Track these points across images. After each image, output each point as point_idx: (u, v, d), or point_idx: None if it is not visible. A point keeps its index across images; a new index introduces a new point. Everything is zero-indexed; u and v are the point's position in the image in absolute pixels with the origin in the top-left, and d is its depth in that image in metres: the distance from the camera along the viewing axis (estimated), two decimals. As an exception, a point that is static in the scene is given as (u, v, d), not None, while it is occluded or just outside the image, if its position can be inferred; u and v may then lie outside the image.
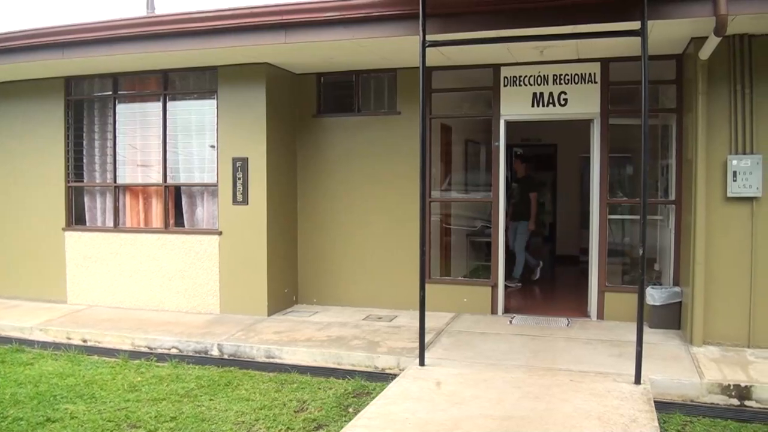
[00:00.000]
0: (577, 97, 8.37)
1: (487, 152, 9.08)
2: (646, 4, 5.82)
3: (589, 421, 5.05)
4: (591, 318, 8.50)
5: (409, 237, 8.53)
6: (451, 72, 8.83)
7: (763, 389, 5.97)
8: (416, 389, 5.79)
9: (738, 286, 7.18)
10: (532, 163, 12.50)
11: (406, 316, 8.55)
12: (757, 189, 7.03)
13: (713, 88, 7.16)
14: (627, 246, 9.11)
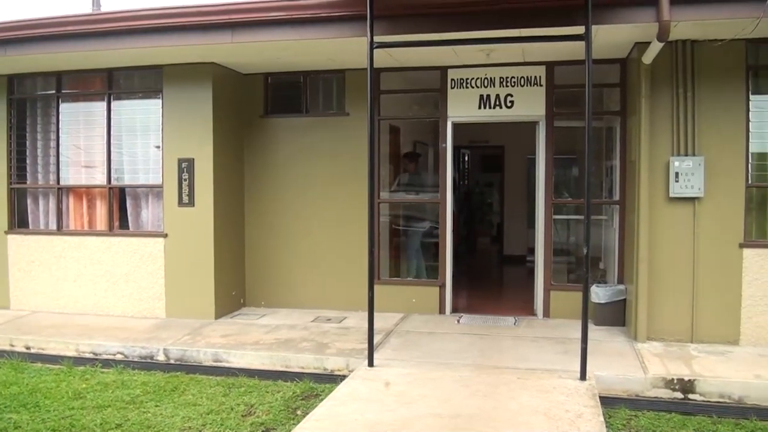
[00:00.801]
0: (523, 99, 8.50)
1: (434, 153, 9.13)
2: (590, 10, 5.93)
3: (535, 417, 5.13)
4: (537, 316, 8.64)
5: (359, 238, 8.54)
6: (399, 73, 8.88)
7: (706, 383, 6.17)
8: (365, 390, 5.80)
9: (681, 283, 7.41)
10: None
11: (355, 318, 8.56)
12: (699, 189, 7.26)
13: (656, 91, 7.38)
14: (572, 245, 9.28)
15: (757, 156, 7.44)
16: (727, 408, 5.92)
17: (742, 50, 7.30)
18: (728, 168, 7.34)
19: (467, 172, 16.89)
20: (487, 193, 16.66)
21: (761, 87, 7.45)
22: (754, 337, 7.32)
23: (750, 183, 7.39)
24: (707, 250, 7.36)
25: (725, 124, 7.34)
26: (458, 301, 9.53)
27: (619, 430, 5.35)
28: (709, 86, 7.35)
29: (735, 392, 6.09)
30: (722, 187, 7.34)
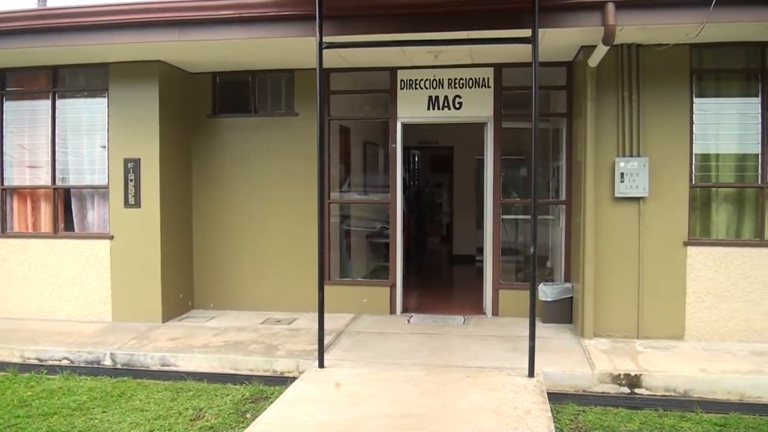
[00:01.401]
0: (471, 100, 8.59)
1: (385, 154, 9.16)
2: (537, 13, 6.03)
3: (484, 414, 5.19)
4: (486, 315, 8.74)
5: (309, 239, 8.52)
6: (349, 74, 8.88)
7: (651, 377, 6.34)
8: (315, 391, 5.79)
9: (627, 281, 7.60)
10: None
11: (305, 319, 8.53)
12: (644, 189, 7.45)
13: (602, 94, 7.54)
14: (520, 245, 9.40)
15: (700, 157, 7.68)
16: (673, 401, 6.12)
17: (686, 55, 7.52)
18: (673, 169, 7.55)
19: (417, 172, 16.99)
20: (436, 193, 16.77)
21: (705, 90, 7.69)
22: (698, 332, 7.55)
23: (694, 183, 7.61)
24: (652, 249, 7.57)
25: (670, 126, 7.56)
26: (409, 301, 9.58)
27: (566, 425, 5.45)
28: (654, 89, 7.55)
29: (680, 386, 6.29)
30: (667, 187, 7.55)
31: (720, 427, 5.45)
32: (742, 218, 7.70)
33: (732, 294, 7.51)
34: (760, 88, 7.58)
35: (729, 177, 7.70)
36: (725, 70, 7.69)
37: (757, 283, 7.49)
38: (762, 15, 6.47)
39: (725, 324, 7.53)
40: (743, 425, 5.49)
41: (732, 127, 7.70)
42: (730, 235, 7.69)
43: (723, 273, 7.53)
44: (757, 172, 7.60)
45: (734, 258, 7.52)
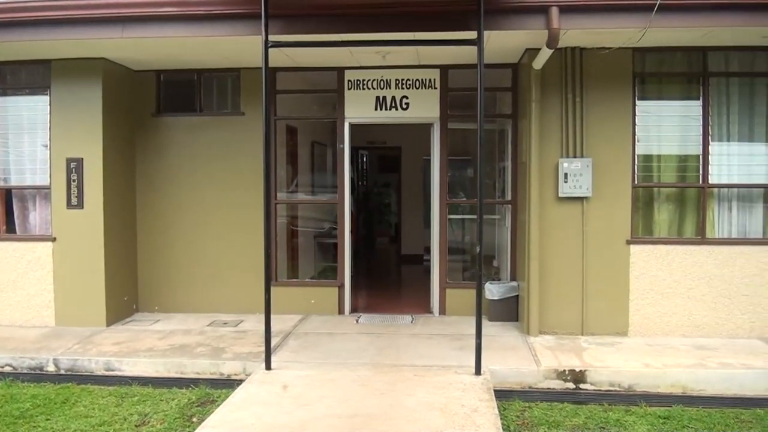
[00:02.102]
0: (418, 101, 8.63)
1: (333, 154, 9.14)
2: (482, 16, 6.09)
3: (432, 413, 5.22)
4: (434, 314, 8.80)
5: (255, 239, 8.42)
6: (296, 73, 8.84)
7: (596, 372, 6.47)
8: (262, 394, 5.74)
9: (571, 279, 7.74)
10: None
11: (253, 320, 8.45)
12: (587, 189, 7.60)
13: (546, 96, 7.67)
14: (467, 244, 9.48)
15: (643, 158, 7.87)
16: (618, 396, 6.26)
17: (629, 58, 7.70)
18: (615, 169, 7.72)
19: (366, 172, 16.99)
20: (385, 193, 16.78)
21: (647, 93, 7.89)
22: (642, 328, 7.74)
23: (636, 183, 7.80)
24: (596, 247, 7.72)
25: (613, 128, 7.73)
26: (357, 301, 9.58)
27: (513, 421, 5.51)
28: (598, 91, 7.71)
29: (625, 380, 6.43)
30: (610, 188, 7.72)
31: (664, 419, 5.59)
32: (683, 217, 7.92)
33: (674, 291, 7.72)
34: (701, 91, 7.82)
35: (671, 177, 7.91)
36: (667, 73, 7.90)
37: (699, 279, 7.71)
38: (702, 21, 6.67)
39: (668, 320, 7.73)
40: (686, 417, 5.65)
41: (674, 129, 7.92)
42: (672, 233, 7.90)
43: (665, 270, 7.72)
44: (698, 172, 7.84)
45: (676, 256, 7.73)
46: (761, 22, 6.63)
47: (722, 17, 6.62)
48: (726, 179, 7.86)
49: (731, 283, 7.71)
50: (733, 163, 7.88)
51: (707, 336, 7.69)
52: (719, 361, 6.77)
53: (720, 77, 7.84)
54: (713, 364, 6.68)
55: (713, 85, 7.83)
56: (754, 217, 7.91)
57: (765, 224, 7.86)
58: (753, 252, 7.73)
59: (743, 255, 7.72)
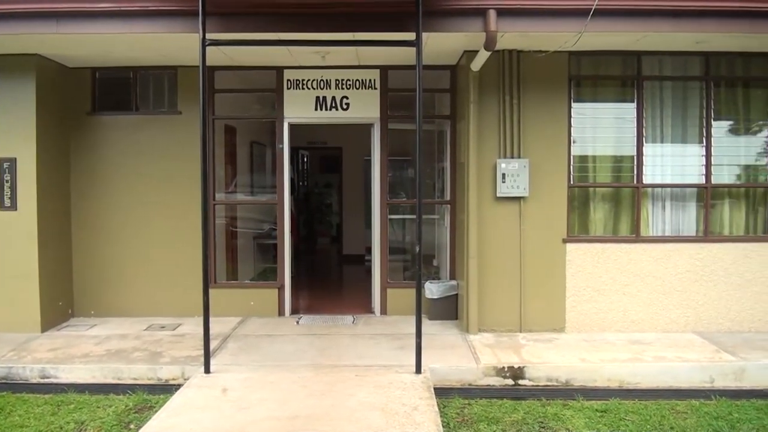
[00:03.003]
0: (358, 101, 8.63)
1: (272, 154, 9.06)
2: (420, 17, 6.11)
3: (373, 412, 5.22)
4: (375, 314, 8.81)
5: (194, 241, 8.26)
6: (234, 72, 8.73)
7: (534, 368, 6.58)
8: (201, 398, 5.64)
9: (509, 277, 7.85)
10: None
11: (191, 324, 8.30)
12: (524, 189, 7.71)
13: (484, 97, 7.76)
14: (408, 244, 9.51)
15: (578, 158, 8.04)
16: (556, 391, 6.39)
17: (565, 61, 7.86)
18: (552, 169, 7.87)
19: (306, 173, 16.92)
20: (326, 193, 16.75)
21: (582, 95, 8.07)
22: (578, 324, 7.91)
23: (572, 183, 7.96)
24: (533, 246, 7.85)
25: (549, 129, 7.87)
26: (298, 302, 9.53)
27: (453, 419, 5.56)
28: (534, 93, 7.84)
29: (562, 376, 6.56)
30: (546, 187, 7.86)
31: (601, 413, 5.72)
32: (619, 216, 8.10)
33: (610, 287, 7.90)
34: (635, 94, 8.04)
35: (606, 177, 8.09)
36: (603, 76, 8.08)
37: (634, 276, 7.92)
38: (635, 26, 6.84)
39: (604, 316, 7.91)
40: (623, 410, 5.79)
41: (609, 131, 8.11)
42: (607, 231, 8.08)
43: (601, 267, 7.90)
44: (632, 172, 8.06)
45: (611, 253, 7.91)
46: (692, 28, 6.85)
47: (655, 23, 6.81)
48: (660, 179, 8.09)
49: (665, 279, 7.94)
50: (667, 164, 8.12)
51: (642, 331, 7.91)
52: (654, 355, 6.98)
53: (654, 81, 8.07)
54: (649, 358, 6.88)
55: (647, 89, 8.05)
56: (687, 216, 8.16)
57: (698, 222, 8.12)
58: (686, 249, 7.97)
59: (677, 252, 7.95)
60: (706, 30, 6.87)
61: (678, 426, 5.46)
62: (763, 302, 7.99)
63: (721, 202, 8.17)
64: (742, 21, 6.80)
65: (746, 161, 8.22)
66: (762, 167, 8.18)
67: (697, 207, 8.13)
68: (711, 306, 7.98)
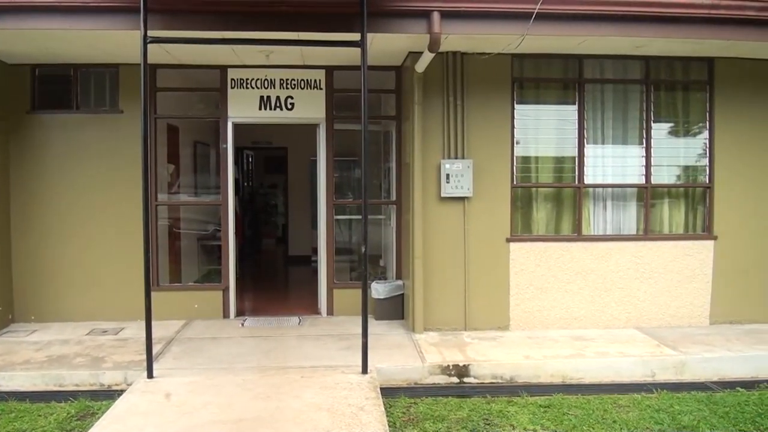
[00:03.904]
0: (303, 101, 8.58)
1: (216, 154, 8.94)
2: (365, 18, 6.10)
3: (319, 413, 5.21)
4: (322, 315, 8.78)
5: (137, 243, 8.03)
6: (177, 71, 8.59)
7: (479, 366, 6.66)
8: (144, 404, 5.54)
9: (454, 276, 7.93)
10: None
11: (134, 328, 8.12)
12: (468, 190, 7.79)
13: (428, 98, 7.81)
14: (354, 244, 9.53)
15: (521, 159, 8.16)
16: (500, 387, 6.46)
17: (508, 63, 7.97)
18: (495, 170, 7.98)
19: (251, 173, 16.78)
20: (271, 194, 16.64)
21: (525, 97, 8.19)
22: (522, 322, 8.03)
23: (515, 183, 8.07)
24: (477, 245, 7.94)
25: (492, 130, 7.98)
26: (243, 304, 9.45)
27: (399, 418, 5.58)
28: (478, 95, 7.93)
29: (506, 373, 6.65)
30: (490, 188, 7.95)
31: (545, 408, 5.82)
32: (561, 215, 8.25)
33: (552, 285, 8.04)
34: (577, 96, 8.20)
35: (548, 178, 8.22)
36: (545, 79, 8.22)
37: (575, 274, 8.07)
38: (576, 30, 6.99)
39: (547, 313, 8.05)
40: (566, 405, 5.90)
41: (551, 132, 8.25)
42: (549, 231, 8.22)
43: (544, 266, 8.03)
44: (574, 173, 8.22)
45: (554, 252, 8.05)
46: (631, 32, 7.03)
47: (595, 27, 6.96)
48: (601, 179, 8.26)
49: (607, 276, 8.12)
50: (608, 165, 8.30)
51: (585, 327, 8.08)
52: (597, 351, 7.13)
53: (595, 83, 8.25)
54: (591, 354, 7.03)
55: (588, 91, 8.22)
56: (627, 215, 8.35)
57: (638, 221, 8.33)
58: (627, 247, 8.17)
59: (618, 250, 8.14)
60: (645, 35, 7.07)
61: (620, 419, 5.58)
62: (702, 298, 8.26)
63: (661, 201, 8.40)
64: (680, 26, 7.03)
65: (686, 162, 8.47)
66: (701, 168, 8.42)
67: (638, 206, 8.33)
68: (652, 302, 8.20)
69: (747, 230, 8.35)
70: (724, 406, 5.91)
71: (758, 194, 8.36)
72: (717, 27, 7.08)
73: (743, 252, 8.34)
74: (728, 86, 8.29)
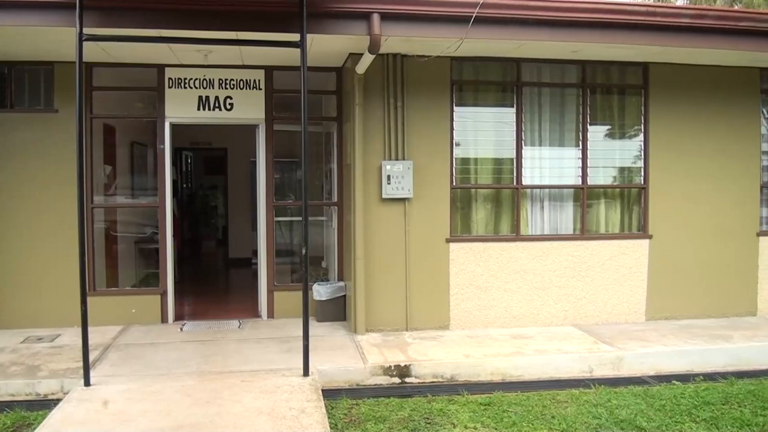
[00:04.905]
0: (242, 102, 8.49)
1: (154, 155, 8.78)
2: (305, 18, 6.08)
3: (260, 418, 5.16)
4: (262, 318, 8.71)
5: (72, 247, 7.86)
6: (114, 69, 8.37)
7: (420, 366, 6.71)
8: (81, 413, 5.39)
9: (395, 277, 7.97)
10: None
11: (70, 334, 7.89)
12: (409, 191, 7.84)
13: (369, 100, 7.83)
14: (296, 246, 9.46)
15: (460, 161, 8.25)
16: (441, 386, 6.52)
17: (447, 66, 8.06)
18: (435, 171, 8.05)
19: (190, 174, 16.52)
20: (211, 196, 16.40)
21: (464, 100, 8.29)
22: (462, 321, 8.12)
23: (454, 185, 8.15)
24: (418, 246, 8.00)
25: (433, 132, 8.05)
26: (182, 308, 9.31)
27: (341, 419, 5.57)
28: (418, 97, 7.99)
29: (447, 372, 6.72)
30: (430, 189, 8.02)
31: (485, 406, 5.88)
32: (499, 216, 8.37)
33: (491, 284, 8.15)
34: (515, 99, 8.33)
35: (487, 179, 8.34)
36: (484, 81, 8.33)
37: (514, 273, 8.21)
38: (514, 34, 7.12)
39: (487, 312, 8.16)
40: (506, 402, 5.98)
41: (490, 134, 8.37)
42: (489, 231, 8.33)
43: (483, 266, 8.13)
44: (512, 174, 8.35)
45: (493, 252, 8.16)
46: (568, 37, 7.20)
47: (533, 32, 7.10)
48: (538, 180, 8.42)
49: (544, 275, 8.28)
50: (545, 166, 8.47)
51: (524, 325, 8.22)
52: (536, 348, 7.26)
53: (533, 87, 8.40)
54: (530, 351, 7.16)
55: (526, 94, 8.38)
56: (564, 215, 8.54)
57: (575, 221, 8.52)
58: (564, 246, 8.35)
59: (555, 249, 8.30)
60: (582, 40, 7.26)
61: (559, 415, 5.69)
62: (638, 295, 8.51)
63: (598, 202, 8.60)
64: (617, 32, 7.23)
65: (621, 163, 8.72)
66: (636, 169, 8.66)
67: (575, 207, 8.52)
68: (589, 300, 8.39)
69: (680, 229, 8.63)
70: (660, 399, 6.08)
71: (690, 194, 8.64)
72: (653, 34, 7.31)
73: (677, 250, 8.61)
74: (662, 90, 8.55)
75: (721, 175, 8.72)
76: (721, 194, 8.73)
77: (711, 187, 8.70)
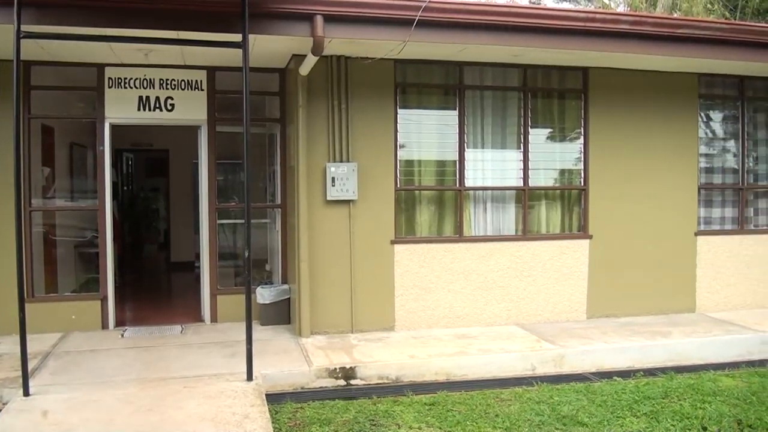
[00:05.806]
0: (183, 103, 8.38)
1: (93, 157, 8.59)
2: (246, 19, 6.04)
3: (203, 424, 5.10)
4: (205, 322, 8.60)
5: (9, 251, 7.58)
6: (53, 68, 8.15)
7: (365, 368, 6.73)
8: (20, 424, 5.22)
9: (340, 279, 7.97)
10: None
11: (8, 342, 7.62)
12: (353, 193, 7.85)
13: (313, 101, 7.81)
14: (239, 249, 9.37)
15: (404, 163, 8.31)
16: (386, 388, 6.54)
17: (391, 69, 8.10)
18: (380, 173, 8.08)
19: (131, 176, 16.21)
20: (153, 198, 16.12)
21: (408, 102, 8.35)
22: (407, 322, 8.17)
23: (399, 187, 8.20)
24: (363, 248, 8.01)
25: (377, 134, 8.08)
26: (123, 313, 9.13)
27: (285, 423, 5.54)
28: (362, 99, 8.01)
29: (392, 373, 6.76)
30: (375, 191, 8.05)
31: (430, 406, 5.93)
32: (443, 217, 8.45)
33: (436, 285, 8.23)
34: (457, 102, 8.42)
35: (431, 181, 8.42)
36: (427, 84, 8.40)
37: (458, 274, 8.29)
38: (456, 38, 7.21)
39: (431, 313, 8.22)
40: (451, 402, 6.04)
41: (433, 136, 8.46)
42: (432, 232, 8.40)
43: (427, 267, 8.20)
44: (455, 176, 8.44)
45: (437, 253, 8.23)
46: (508, 42, 7.33)
47: (474, 36, 7.20)
48: (481, 182, 8.54)
49: (488, 276, 8.39)
50: (488, 168, 8.59)
51: (468, 325, 8.31)
52: (479, 348, 7.36)
53: (475, 90, 8.51)
54: (474, 351, 7.24)
55: (469, 97, 8.48)
56: (507, 216, 8.67)
57: (517, 222, 8.66)
58: (506, 247, 8.48)
59: (498, 250, 8.42)
60: (522, 44, 7.38)
61: (503, 412, 5.77)
62: (580, 294, 8.69)
63: (539, 203, 8.76)
64: (557, 37, 7.39)
65: (562, 165, 8.91)
66: (577, 171, 8.85)
67: (516, 208, 8.66)
68: (531, 299, 8.53)
69: (620, 229, 8.85)
70: (602, 395, 6.22)
71: (630, 196, 8.87)
72: (592, 39, 7.49)
73: (616, 250, 8.82)
74: (602, 94, 8.75)
75: (661, 176, 8.97)
76: (661, 195, 8.98)
77: (650, 188, 8.94)
